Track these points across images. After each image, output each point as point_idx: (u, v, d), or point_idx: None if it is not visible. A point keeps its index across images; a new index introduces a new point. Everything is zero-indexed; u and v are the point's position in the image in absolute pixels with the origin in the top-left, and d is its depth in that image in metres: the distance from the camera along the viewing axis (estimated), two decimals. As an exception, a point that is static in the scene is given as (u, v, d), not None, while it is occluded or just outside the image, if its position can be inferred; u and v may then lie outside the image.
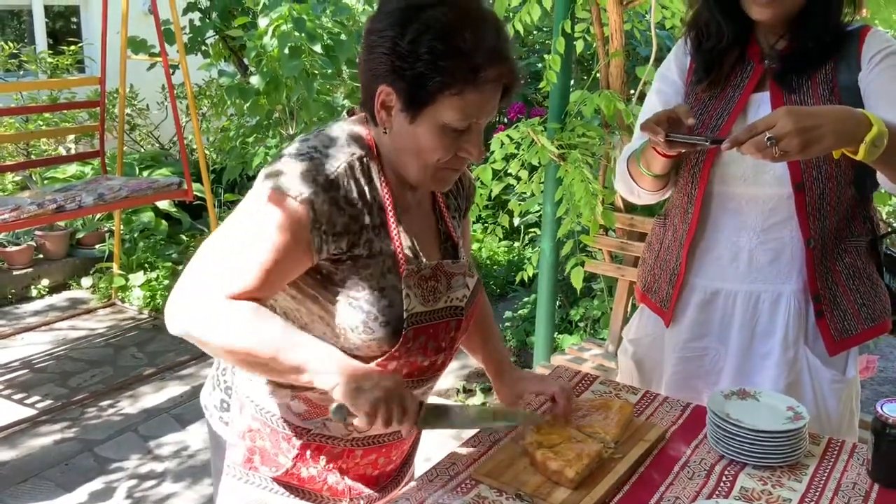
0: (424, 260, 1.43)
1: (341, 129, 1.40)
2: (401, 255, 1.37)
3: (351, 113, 1.46)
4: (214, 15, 5.57)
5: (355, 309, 1.34)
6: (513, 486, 1.41)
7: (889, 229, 1.92)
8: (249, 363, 1.31)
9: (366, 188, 1.35)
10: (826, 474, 1.49)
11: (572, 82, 3.50)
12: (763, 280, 1.77)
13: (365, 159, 1.36)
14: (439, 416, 1.42)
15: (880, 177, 1.63)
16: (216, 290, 1.28)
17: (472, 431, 1.64)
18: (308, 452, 1.46)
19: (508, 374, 1.69)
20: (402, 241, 1.39)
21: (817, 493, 1.43)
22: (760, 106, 1.72)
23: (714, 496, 1.42)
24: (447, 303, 1.46)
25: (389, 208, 1.37)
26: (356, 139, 1.38)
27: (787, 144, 1.38)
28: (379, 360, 1.38)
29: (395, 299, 1.37)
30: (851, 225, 1.77)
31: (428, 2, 1.25)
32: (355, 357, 1.37)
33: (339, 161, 1.33)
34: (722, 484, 1.46)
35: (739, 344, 1.81)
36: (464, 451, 1.56)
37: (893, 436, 1.43)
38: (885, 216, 3.71)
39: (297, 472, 1.46)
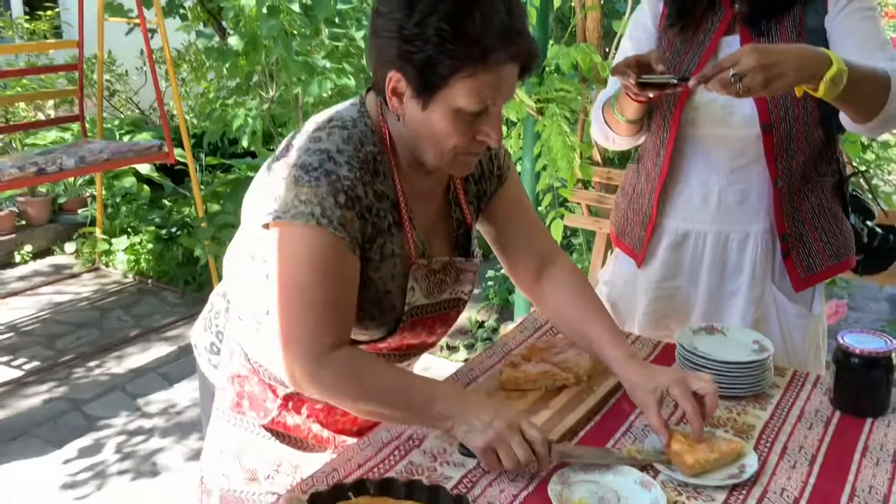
0: (434, 256, 1.42)
1: (352, 119, 1.35)
2: (413, 251, 1.38)
3: (369, 90, 1.39)
4: (192, -23, 5.52)
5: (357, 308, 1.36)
6: (489, 416, 1.46)
7: (855, 170, 1.97)
8: (382, 419, 1.40)
9: (381, 187, 1.33)
10: (790, 403, 1.55)
11: (551, 39, 3.52)
12: (732, 220, 1.82)
13: (378, 157, 1.33)
14: (572, 452, 1.34)
15: (843, 117, 1.67)
16: (317, 351, 1.29)
17: (451, 371, 1.68)
18: (290, 404, 1.49)
19: (639, 366, 1.43)
20: (413, 236, 1.38)
21: (781, 420, 1.49)
22: (731, 48, 1.75)
23: (682, 424, 1.47)
24: (452, 294, 1.48)
25: (403, 204, 1.36)
26: (368, 132, 1.34)
27: (750, 80, 1.42)
28: (368, 344, 1.42)
29: (397, 303, 1.39)
30: (818, 165, 1.82)
31: None
32: None
33: (353, 167, 1.29)
34: (690, 412, 1.52)
35: (709, 282, 1.86)
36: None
37: (854, 364, 1.49)
38: (856, 162, 3.77)
39: (283, 421, 1.50)
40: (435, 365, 3.79)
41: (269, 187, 1.31)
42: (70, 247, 5.19)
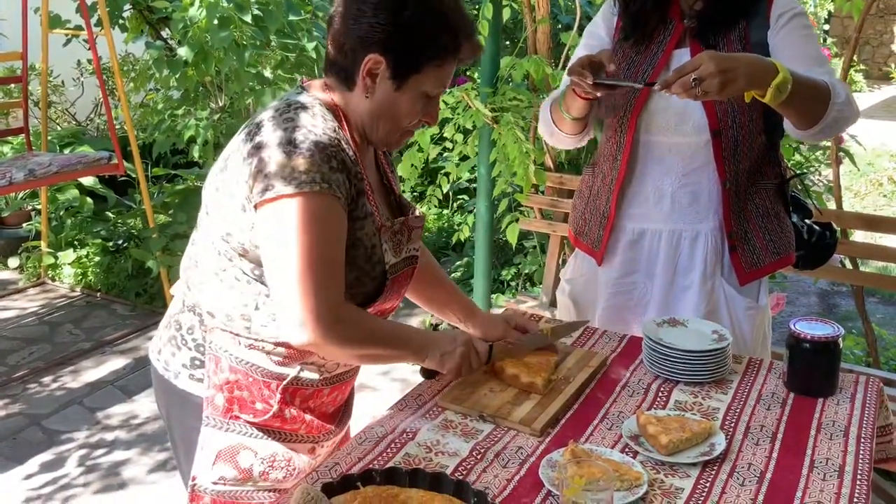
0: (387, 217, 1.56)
1: (307, 101, 1.46)
2: (377, 213, 1.50)
3: (303, 82, 1.52)
4: (131, -13, 5.47)
5: (351, 266, 1.46)
6: (476, 409, 1.56)
7: (794, 174, 2.13)
8: (374, 361, 1.62)
9: (350, 153, 1.45)
10: (748, 387, 1.69)
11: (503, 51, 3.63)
12: (684, 220, 1.96)
13: (338, 130, 1.45)
14: (504, 349, 1.69)
15: (787, 124, 1.82)
16: (334, 305, 1.39)
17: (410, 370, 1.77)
18: (287, 396, 1.54)
19: (480, 316, 1.82)
20: (374, 200, 1.51)
21: (742, 402, 1.63)
22: (682, 60, 1.89)
23: (652, 409, 1.60)
24: (407, 253, 1.60)
25: (364, 171, 1.48)
26: (323, 109, 1.46)
27: (708, 84, 1.57)
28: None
29: (379, 256, 1.50)
30: (762, 169, 1.97)
31: None
32: None
33: (331, 137, 1.41)
34: (658, 399, 1.64)
35: (664, 278, 2.00)
36: (428, 384, 1.69)
37: (805, 348, 1.64)
38: (791, 165, 4.00)
39: (282, 415, 1.54)
40: (396, 364, 3.85)
41: (246, 173, 1.39)
42: (14, 262, 5.09)
